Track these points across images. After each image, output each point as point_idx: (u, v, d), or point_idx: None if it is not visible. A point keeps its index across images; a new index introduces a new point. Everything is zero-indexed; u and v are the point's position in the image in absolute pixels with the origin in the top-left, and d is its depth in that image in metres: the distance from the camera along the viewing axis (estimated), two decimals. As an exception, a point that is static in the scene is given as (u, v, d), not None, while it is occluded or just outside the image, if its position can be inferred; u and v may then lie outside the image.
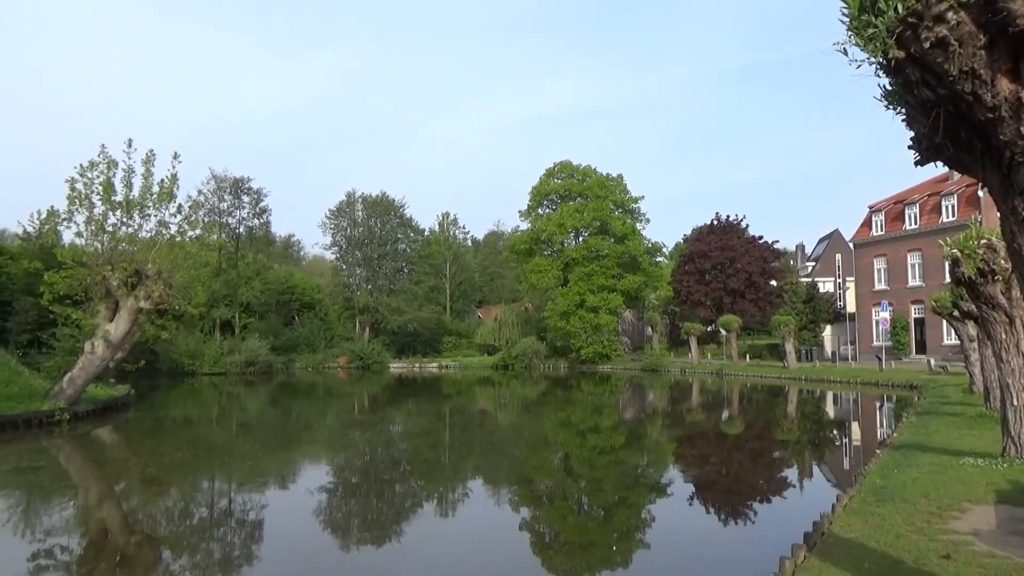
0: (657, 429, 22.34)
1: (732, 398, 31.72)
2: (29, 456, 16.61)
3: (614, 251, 56.41)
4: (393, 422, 24.98)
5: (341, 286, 69.52)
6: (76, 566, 8.22)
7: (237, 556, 8.79)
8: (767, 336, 59.87)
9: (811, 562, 6.17)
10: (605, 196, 57.59)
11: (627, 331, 68.59)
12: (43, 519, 10.66)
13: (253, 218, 62.66)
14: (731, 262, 56.35)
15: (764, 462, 16.14)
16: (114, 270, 21.29)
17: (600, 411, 27.86)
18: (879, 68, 3.45)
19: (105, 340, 21.82)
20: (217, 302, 56.26)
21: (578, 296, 55.01)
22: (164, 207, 22.58)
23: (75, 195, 21.56)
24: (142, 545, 9.27)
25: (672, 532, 9.75)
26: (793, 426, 22.12)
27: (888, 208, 46.69)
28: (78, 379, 22.10)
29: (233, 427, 23.81)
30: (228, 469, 15.15)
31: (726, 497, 12.18)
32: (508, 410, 29.32)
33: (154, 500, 12.19)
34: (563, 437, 20.85)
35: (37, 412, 20.26)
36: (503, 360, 58.56)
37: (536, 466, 15.73)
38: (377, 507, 11.49)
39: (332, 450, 18.63)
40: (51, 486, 13.33)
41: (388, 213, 68.27)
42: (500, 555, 8.74)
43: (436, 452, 17.72)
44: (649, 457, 17.11)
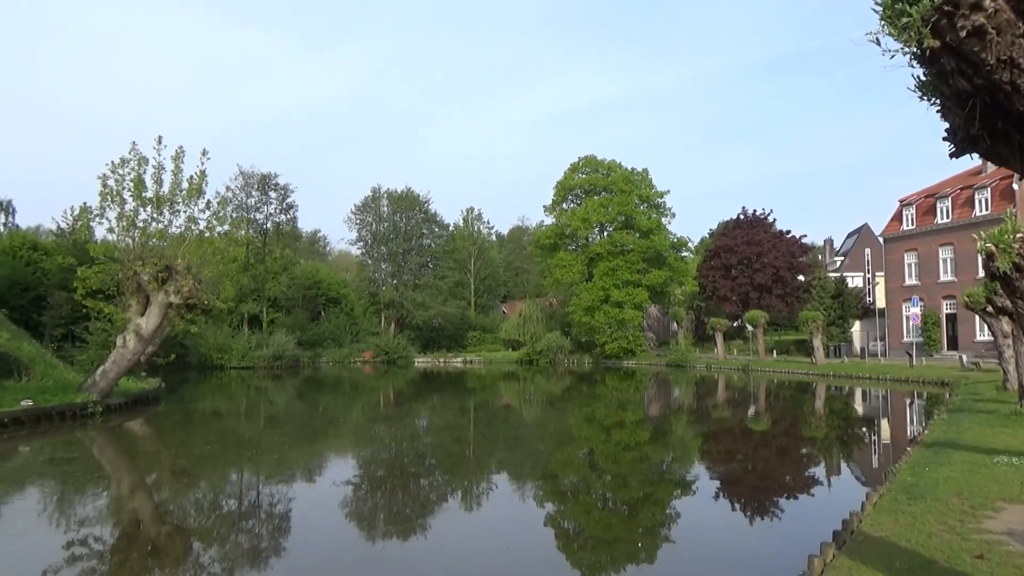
0: (682, 425, 22.20)
1: (759, 394, 31.43)
2: (63, 447, 16.95)
3: (639, 246, 56.12)
4: (418, 416, 25.11)
5: (367, 281, 70.05)
6: (109, 556, 8.38)
7: (265, 548, 8.89)
8: (794, 332, 59.21)
9: (840, 560, 6.09)
10: (630, 191, 57.30)
11: (652, 326, 68.26)
12: (77, 509, 10.87)
13: (280, 214, 63.40)
14: (758, 257, 55.77)
15: (791, 459, 15.97)
16: (145, 265, 21.63)
17: (625, 407, 27.77)
18: (913, 58, 3.37)
19: (136, 334, 22.19)
20: (245, 297, 56.97)
21: (603, 291, 54.83)
22: (193, 203, 22.91)
23: (107, 192, 21.94)
24: (173, 536, 9.42)
25: (698, 529, 9.69)
26: (821, 423, 21.86)
27: (919, 202, 45.87)
28: (110, 372, 22.51)
29: (261, 420, 24.10)
30: (256, 462, 15.34)
31: (753, 494, 12.08)
32: (532, 405, 29.34)
33: (184, 492, 12.38)
34: (588, 432, 20.81)
35: (71, 404, 20.67)
36: (527, 355, 58.61)
37: (561, 461, 15.72)
38: (402, 501, 11.56)
39: (358, 444, 18.78)
40: (85, 477, 13.60)
41: (413, 208, 68.62)
42: (525, 550, 8.75)
43: (461, 446, 17.79)
44: (674, 453, 17.01)
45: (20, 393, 20.27)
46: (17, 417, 18.65)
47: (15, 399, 19.50)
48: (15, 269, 50.86)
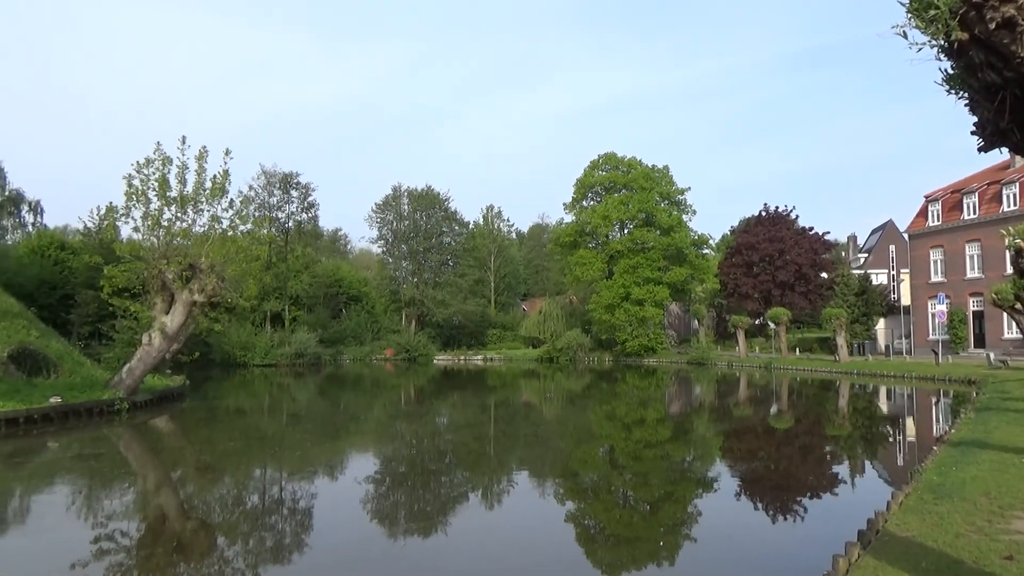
0: (704, 423, 22.07)
1: (781, 392, 31.16)
2: (91, 443, 17.23)
3: (660, 243, 55.82)
4: (439, 414, 25.20)
5: (387, 279, 70.39)
6: (135, 550, 8.50)
7: (288, 543, 8.98)
8: (817, 329, 58.66)
9: (866, 560, 6.03)
10: (651, 188, 57.01)
11: (673, 324, 67.94)
12: (104, 504, 11.05)
13: (302, 212, 63.83)
14: (780, 254, 55.30)
15: (814, 457, 15.82)
16: (169, 264, 21.90)
17: (646, 404, 27.66)
18: (940, 51, 3.33)
19: (161, 332, 22.49)
20: (267, 295, 57.49)
21: (623, 289, 54.63)
22: (216, 202, 23.10)
23: (132, 191, 22.21)
24: (198, 531, 9.54)
25: (720, 527, 9.63)
26: (844, 421, 21.63)
27: (945, 197, 45.18)
28: (136, 370, 22.84)
29: (283, 417, 24.32)
30: (279, 458, 15.48)
31: (775, 493, 11.98)
32: (552, 403, 29.33)
33: (209, 487, 12.53)
34: (608, 430, 20.76)
35: (98, 401, 21.02)
36: (548, 353, 58.58)
37: (581, 459, 15.70)
38: (423, 498, 11.61)
39: (379, 441, 18.89)
40: (111, 472, 13.82)
41: (433, 207, 68.83)
42: (545, 548, 8.75)
43: (481, 444, 17.82)
44: (696, 451, 16.91)
45: (49, 390, 20.65)
46: (46, 413, 19.00)
47: (44, 396, 19.87)
48: (43, 268, 51.81)
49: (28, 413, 18.48)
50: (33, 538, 9.26)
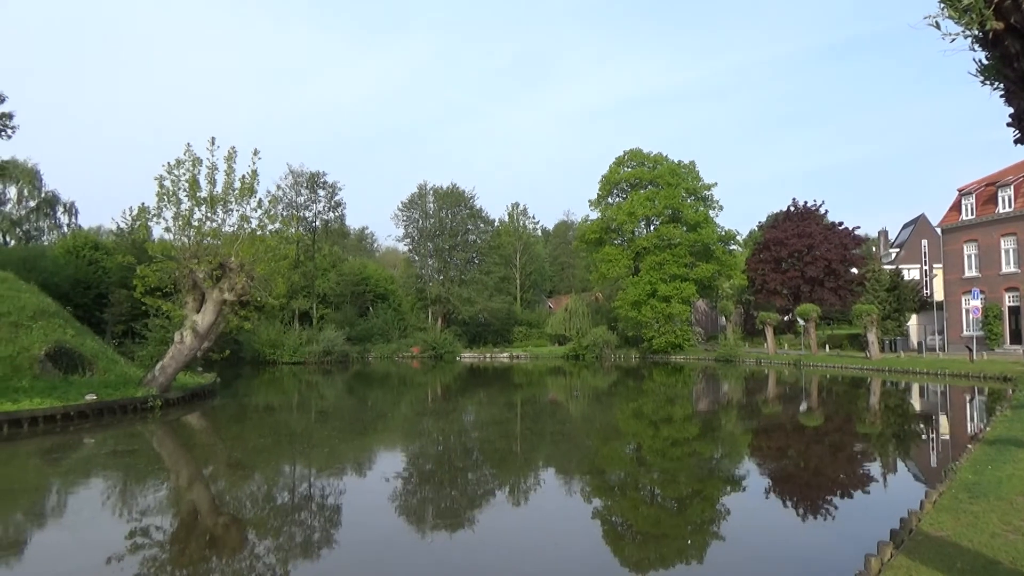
0: (732, 420, 21.89)
1: (811, 389, 30.78)
2: (125, 440, 17.56)
3: (686, 239, 55.38)
4: (465, 411, 25.28)
5: (413, 277, 70.73)
6: (169, 545, 8.66)
7: (317, 539, 9.08)
8: (847, 326, 57.78)
9: (899, 560, 5.94)
10: (677, 183, 56.56)
11: (700, 321, 67.44)
12: (138, 499, 11.26)
13: (328, 211, 64.31)
14: (809, 249, 54.60)
15: (845, 456, 15.60)
16: (200, 263, 22.22)
17: (673, 402, 27.49)
18: (974, 41, 3.26)
19: (193, 330, 22.83)
20: (296, 293, 58.06)
21: (649, 285, 54.30)
22: (245, 202, 23.35)
23: (164, 192, 22.55)
24: (229, 526, 9.69)
25: (749, 526, 9.55)
26: (876, 419, 21.30)
27: (979, 191, 44.24)
28: (168, 367, 23.23)
29: (312, 414, 24.57)
30: (308, 455, 15.65)
31: (805, 491, 11.84)
32: (579, 400, 29.27)
33: (239, 484, 12.71)
34: (635, 428, 20.68)
35: (132, 398, 21.42)
36: (574, 350, 58.46)
37: (608, 456, 15.66)
38: (450, 495, 11.66)
39: (406, 438, 19.00)
40: (145, 468, 14.08)
41: (459, 204, 69.00)
42: (572, 545, 8.75)
43: (508, 441, 17.84)
44: (724, 449, 16.78)
45: (84, 387, 21.10)
46: (82, 410, 19.42)
47: (80, 393, 20.31)
48: (78, 268, 52.86)
49: (65, 410, 18.90)
50: (71, 532, 9.47)
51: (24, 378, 20.93)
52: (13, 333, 22.33)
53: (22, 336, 22.54)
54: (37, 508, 11.00)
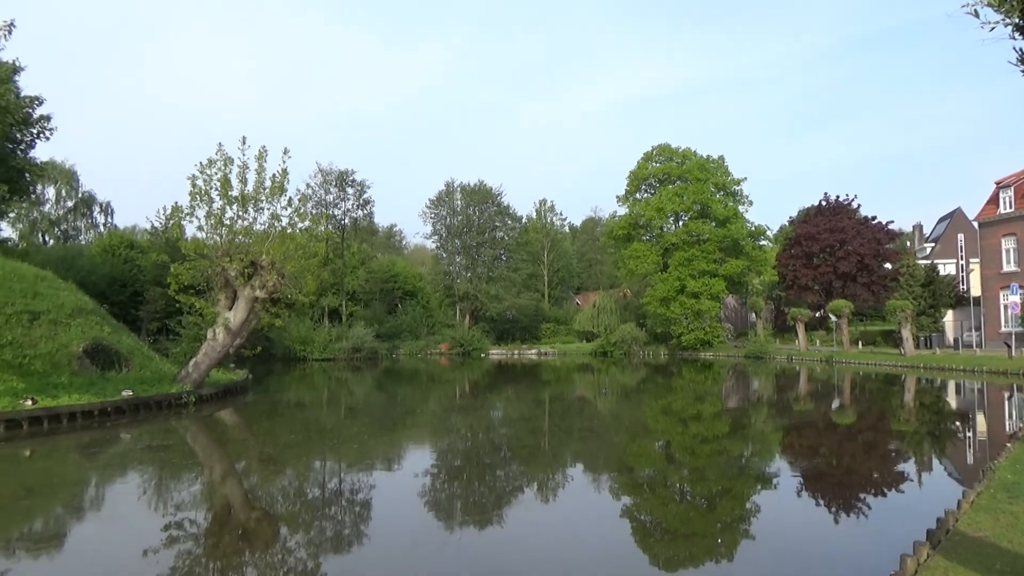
0: (762, 418, 21.65)
1: (843, 387, 30.33)
2: (160, 435, 17.90)
3: (715, 235, 54.86)
4: (493, 408, 25.33)
5: (441, 274, 71.04)
6: (203, 538, 8.81)
7: (348, 534, 9.17)
8: (881, 322, 56.85)
9: (935, 560, 5.84)
10: (706, 179, 56.03)
11: (730, 317, 66.81)
12: (173, 494, 11.47)
13: (357, 209, 64.88)
14: (841, 244, 53.80)
15: (879, 454, 15.35)
16: (232, 261, 22.53)
17: (702, 399, 27.27)
18: (1015, 30, 3.18)
19: (225, 327, 23.17)
20: (325, 291, 58.65)
21: (678, 281, 53.92)
22: (276, 200, 23.62)
23: (196, 191, 22.89)
24: (261, 521, 9.83)
25: (780, 525, 9.44)
26: (910, 416, 20.92)
27: (1018, 183, 43.14)
28: (202, 364, 23.61)
29: (341, 411, 24.80)
30: (338, 451, 15.81)
31: (838, 490, 11.68)
32: (607, 397, 29.17)
33: (271, 479, 12.89)
34: (664, 425, 20.56)
35: (167, 394, 21.82)
36: (602, 347, 58.27)
37: (636, 454, 15.59)
38: (479, 491, 11.70)
39: (435, 434, 19.11)
40: (180, 463, 14.34)
41: (486, 201, 69.13)
42: (601, 542, 8.73)
43: (536, 438, 17.85)
44: (754, 447, 16.61)
45: (121, 384, 21.53)
46: (119, 406, 19.82)
47: (117, 389, 20.73)
48: (114, 267, 53.96)
49: (102, 406, 19.31)
50: (108, 525, 9.68)
51: (63, 374, 21.42)
52: (52, 330, 22.85)
53: (61, 333, 23.06)
54: (76, 502, 11.26)
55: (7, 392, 18.51)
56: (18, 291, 23.32)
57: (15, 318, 21.95)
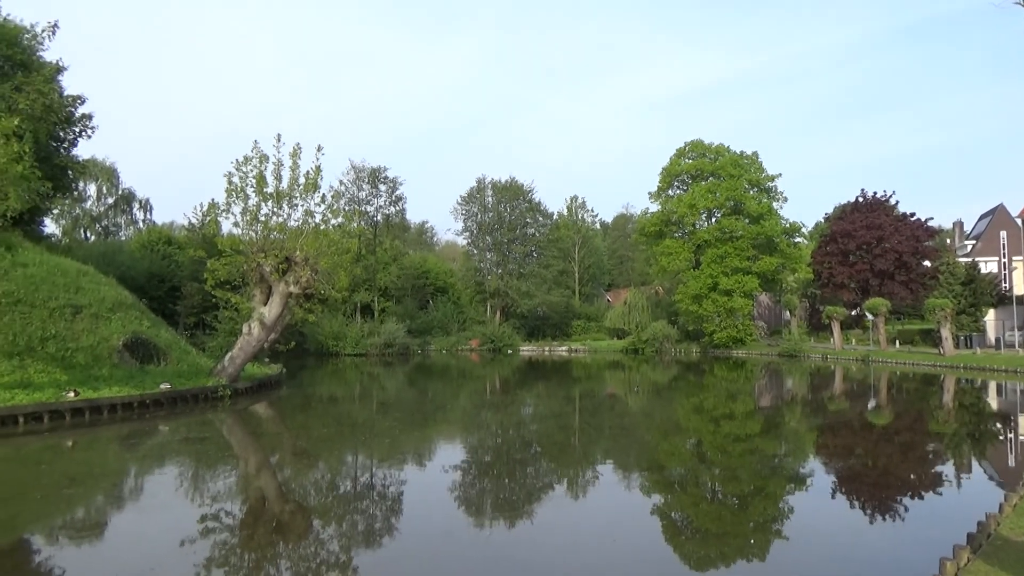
0: (796, 417, 21.37)
1: (879, 386, 29.78)
2: (197, 428, 18.25)
3: (749, 232, 54.19)
4: (524, 404, 25.36)
5: (472, 271, 71.26)
6: (238, 530, 8.97)
7: (379, 528, 9.25)
8: (919, 321, 55.70)
9: (976, 565, 5.72)
10: (739, 175, 55.37)
11: (763, 315, 66.06)
12: (209, 485, 11.69)
13: (389, 206, 65.32)
14: (878, 242, 52.82)
15: (916, 455, 15.06)
16: (267, 257, 22.85)
17: (734, 397, 26.99)
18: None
19: (260, 322, 23.53)
20: (358, 287, 59.17)
21: (711, 279, 53.41)
22: (309, 197, 23.86)
23: (232, 188, 23.24)
24: (295, 513, 9.97)
25: (814, 526, 9.32)
26: (949, 418, 20.47)
27: (1066, 179, 41.91)
28: (237, 358, 24.00)
29: (373, 405, 25.03)
30: (369, 445, 15.97)
31: (873, 491, 11.48)
32: (638, 395, 29.02)
33: (305, 472, 13.06)
34: (695, 423, 20.39)
35: (203, 388, 22.24)
36: (633, 344, 57.99)
37: (667, 452, 15.49)
38: (508, 487, 11.73)
39: (466, 430, 19.19)
40: (216, 455, 14.61)
41: (517, 198, 69.15)
42: (631, 541, 8.70)
43: (566, 435, 17.84)
44: (787, 446, 16.40)
45: (159, 377, 22.00)
46: (157, 399, 20.26)
47: (155, 382, 21.19)
48: (153, 262, 55.07)
49: (141, 398, 19.76)
50: (147, 514, 9.90)
51: (104, 367, 21.94)
52: (94, 324, 23.41)
53: (102, 327, 23.62)
54: (116, 491, 11.54)
55: (51, 384, 19.03)
56: (61, 286, 23.92)
57: (58, 312, 22.53)
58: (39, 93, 29.09)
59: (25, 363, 20.04)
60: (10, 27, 31.06)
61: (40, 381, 19.21)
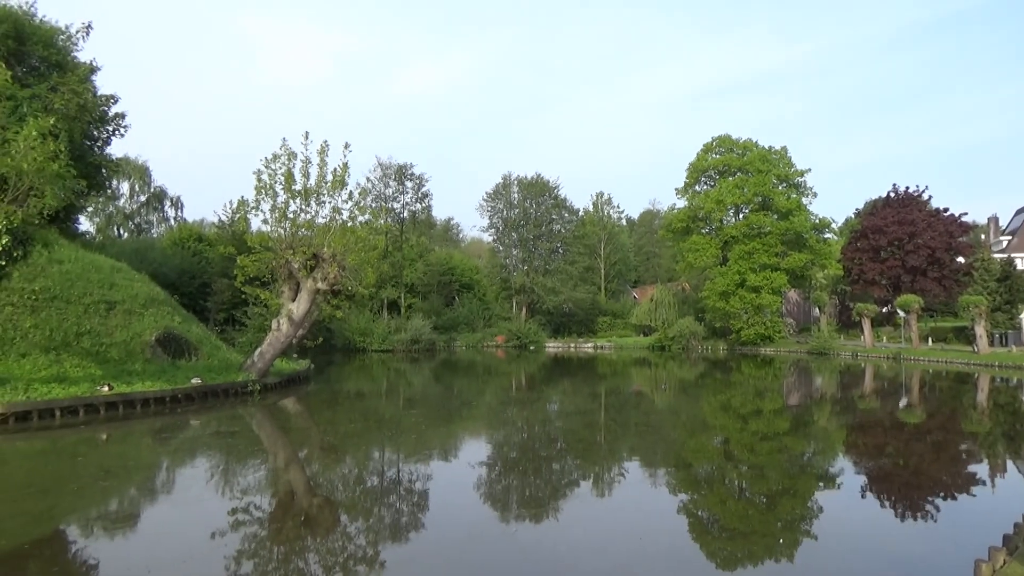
0: (825, 415, 21.11)
1: (911, 385, 29.29)
2: (227, 422, 18.53)
3: (777, 228, 53.53)
4: (549, 401, 25.36)
5: (498, 267, 71.32)
6: (267, 523, 9.10)
7: (405, 523, 9.33)
8: (953, 318, 54.71)
9: (1012, 568, 5.62)
10: (767, 170, 54.72)
11: (791, 312, 65.28)
12: (239, 479, 11.87)
13: (416, 203, 65.60)
14: (910, 237, 51.89)
15: (949, 455, 14.80)
16: (295, 254, 23.09)
17: (762, 395, 26.73)
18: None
19: (288, 318, 23.80)
20: (384, 283, 59.54)
21: (738, 275, 52.88)
22: (337, 194, 24.05)
23: (261, 185, 23.50)
24: (323, 507, 10.09)
25: (843, 526, 9.21)
26: (984, 417, 20.09)
27: (1106, 173, 40.81)
28: (267, 354, 24.30)
29: (400, 401, 25.20)
30: (396, 441, 16.09)
31: (904, 491, 11.31)
32: (665, 392, 28.87)
33: (332, 467, 13.21)
34: (723, 421, 20.24)
35: (233, 383, 22.56)
36: (659, 341, 57.66)
37: (694, 449, 15.40)
38: (534, 484, 11.75)
39: (491, 426, 19.24)
40: (245, 449, 14.83)
41: (543, 194, 69.05)
42: (658, 539, 8.68)
43: (592, 432, 17.81)
44: (817, 445, 16.22)
45: (191, 372, 22.36)
46: (188, 393, 20.60)
47: (186, 377, 21.55)
48: (184, 259, 55.87)
49: (173, 393, 20.11)
50: (179, 507, 10.09)
51: (137, 362, 22.36)
52: (127, 320, 23.87)
53: (135, 323, 24.06)
54: (149, 484, 11.77)
55: (86, 378, 19.45)
56: (96, 282, 24.41)
57: (93, 308, 23.00)
58: (74, 93, 29.69)
59: (61, 358, 20.50)
60: (46, 28, 31.72)
61: (76, 375, 19.64)
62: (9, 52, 28.92)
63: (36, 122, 16.52)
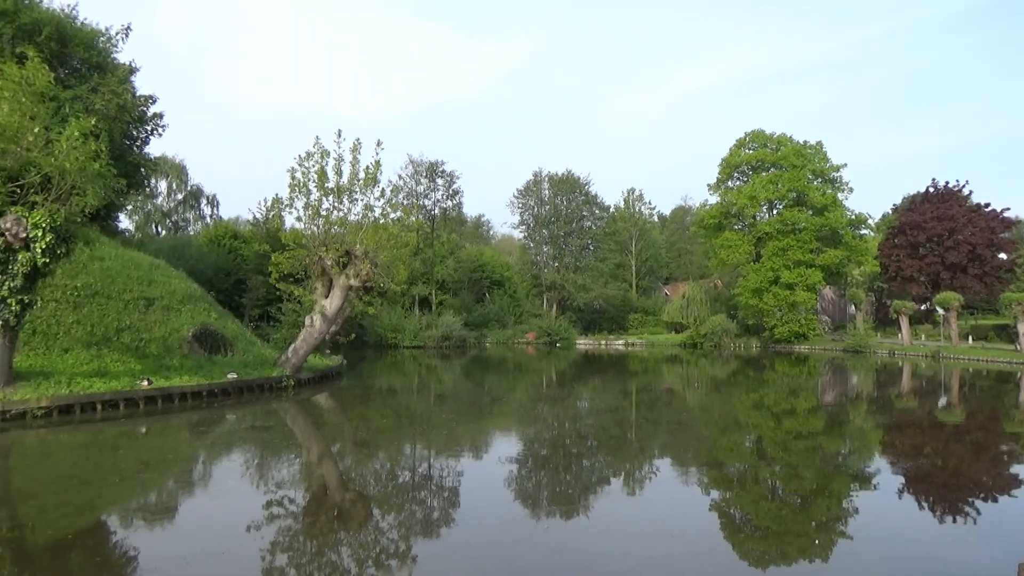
0: (861, 415, 20.76)
1: (951, 384, 28.68)
2: (262, 416, 18.82)
3: (812, 224, 52.74)
4: (580, 398, 25.32)
5: (529, 264, 71.38)
6: (301, 517, 9.24)
7: (436, 519, 9.40)
8: (994, 316, 53.43)
9: (1051, 572, 5.49)
10: (802, 165, 53.93)
11: (827, 309, 64.31)
12: (274, 473, 12.06)
13: (447, 200, 65.95)
14: (950, 233, 50.80)
15: (989, 456, 14.47)
16: (328, 251, 23.36)
17: (796, 393, 26.38)
18: None
19: (322, 314, 24.09)
20: (416, 280, 59.98)
21: (772, 272, 52.24)
22: (369, 191, 24.27)
23: (295, 183, 23.80)
24: (355, 502, 10.21)
25: (879, 526, 9.06)
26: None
27: None
28: (300, 349, 24.63)
29: (431, 397, 25.36)
30: (427, 436, 16.20)
31: (943, 492, 11.09)
32: (696, 390, 28.64)
33: (365, 461, 13.35)
34: (755, 419, 20.02)
35: (268, 378, 22.92)
36: (691, 338, 57.22)
37: (726, 448, 15.27)
38: (565, 481, 11.75)
39: (522, 423, 19.26)
40: (280, 444, 15.06)
41: (574, 191, 68.92)
42: (689, 538, 8.63)
43: (623, 429, 17.74)
44: (852, 444, 15.97)
45: (227, 367, 22.76)
46: (225, 388, 20.99)
47: (223, 372, 21.95)
48: (220, 256, 56.83)
49: (210, 387, 20.50)
50: (215, 499, 10.28)
51: (175, 357, 22.82)
52: (165, 316, 24.36)
53: (173, 319, 24.56)
54: (187, 477, 12.01)
55: (126, 373, 19.90)
56: (135, 279, 24.95)
57: (132, 304, 23.52)
58: (113, 94, 30.37)
59: (102, 352, 21.00)
60: (87, 31, 32.47)
61: (116, 370, 20.11)
62: (52, 54, 29.64)
63: (78, 123, 16.92)
